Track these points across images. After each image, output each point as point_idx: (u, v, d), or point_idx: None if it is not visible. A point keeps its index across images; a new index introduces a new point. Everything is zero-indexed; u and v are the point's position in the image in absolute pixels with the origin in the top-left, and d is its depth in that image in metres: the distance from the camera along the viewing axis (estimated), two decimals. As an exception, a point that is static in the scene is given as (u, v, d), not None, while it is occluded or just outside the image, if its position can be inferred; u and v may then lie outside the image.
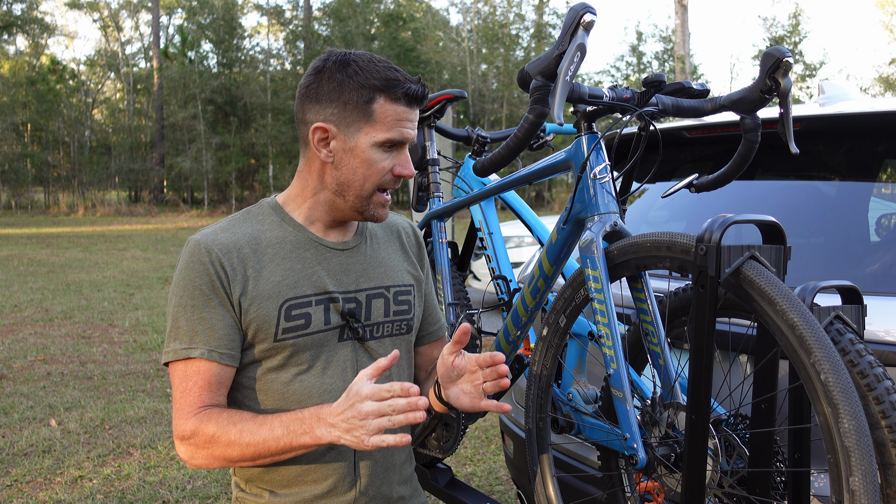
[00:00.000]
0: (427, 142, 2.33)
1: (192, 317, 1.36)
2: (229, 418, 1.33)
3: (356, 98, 1.37)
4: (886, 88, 30.88)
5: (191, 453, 1.35)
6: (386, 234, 1.60)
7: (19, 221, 23.40)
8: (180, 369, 1.37)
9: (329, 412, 1.27)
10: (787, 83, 1.39)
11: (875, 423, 1.12)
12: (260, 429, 1.30)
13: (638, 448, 1.43)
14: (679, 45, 16.00)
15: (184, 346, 1.36)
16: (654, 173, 2.14)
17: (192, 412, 1.35)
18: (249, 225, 1.45)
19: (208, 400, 1.36)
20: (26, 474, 3.50)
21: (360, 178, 1.40)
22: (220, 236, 1.41)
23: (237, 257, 1.39)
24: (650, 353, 1.50)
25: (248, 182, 31.34)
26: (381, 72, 1.38)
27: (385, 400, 1.23)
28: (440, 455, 2.23)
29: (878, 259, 1.74)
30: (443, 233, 2.31)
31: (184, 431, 1.34)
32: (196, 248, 1.39)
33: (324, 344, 1.43)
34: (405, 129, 1.39)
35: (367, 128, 1.38)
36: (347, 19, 30.17)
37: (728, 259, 1.20)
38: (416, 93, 1.39)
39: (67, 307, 8.02)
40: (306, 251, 1.45)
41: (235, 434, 1.31)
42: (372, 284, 1.50)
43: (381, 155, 1.40)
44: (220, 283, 1.37)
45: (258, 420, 1.32)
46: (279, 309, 1.39)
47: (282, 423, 1.30)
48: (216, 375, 1.37)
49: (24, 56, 34.20)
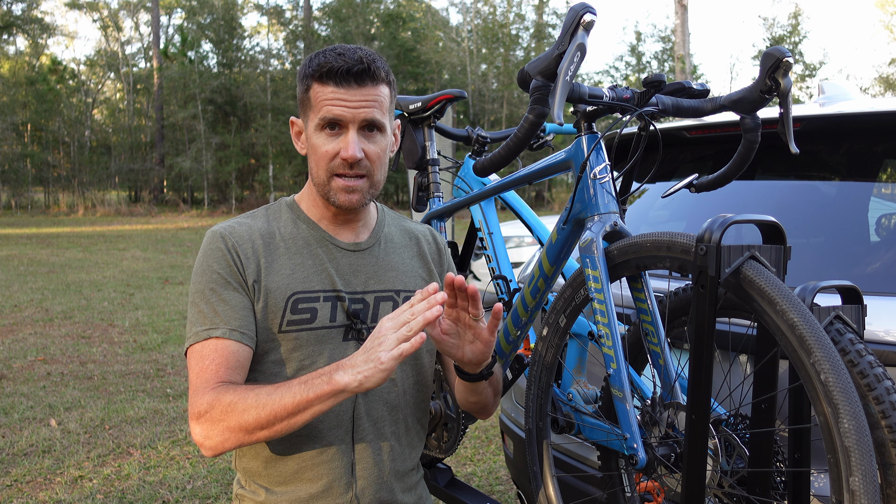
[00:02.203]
0: (427, 142, 2.33)
1: (212, 299, 1.39)
2: (247, 387, 1.31)
3: (302, 89, 1.44)
4: (886, 88, 30.88)
5: (206, 433, 1.29)
6: (404, 238, 1.60)
7: (19, 221, 23.40)
8: (198, 351, 1.35)
9: (349, 358, 1.26)
10: (787, 83, 1.39)
11: (875, 423, 1.12)
12: (277, 389, 1.28)
13: (638, 448, 1.42)
14: (679, 45, 16.00)
15: (205, 327, 1.36)
16: (654, 173, 2.14)
17: (208, 387, 1.31)
18: (265, 221, 1.50)
19: (225, 376, 1.33)
20: (26, 474, 3.50)
21: (314, 165, 1.44)
22: (236, 228, 1.46)
23: (251, 248, 1.43)
24: (650, 353, 1.50)
25: (248, 182, 31.33)
26: (318, 59, 1.40)
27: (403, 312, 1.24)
28: (440, 455, 2.23)
29: (878, 259, 1.74)
30: (443, 233, 2.31)
31: (200, 408, 1.29)
32: (213, 237, 1.44)
33: (327, 341, 1.43)
34: (335, 108, 1.38)
35: (311, 114, 1.42)
36: (347, 19, 30.16)
37: (728, 259, 1.20)
38: (341, 70, 1.36)
39: (67, 307, 8.02)
40: (318, 248, 1.47)
41: (252, 399, 1.27)
42: (382, 287, 1.50)
43: (325, 139, 1.41)
44: (237, 267, 1.41)
45: (275, 385, 1.30)
46: (286, 301, 1.41)
47: (300, 381, 1.28)
48: (234, 353, 1.35)
49: (24, 56, 34.20)
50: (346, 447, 1.45)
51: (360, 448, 1.46)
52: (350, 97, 1.38)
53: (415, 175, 2.37)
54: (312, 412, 1.26)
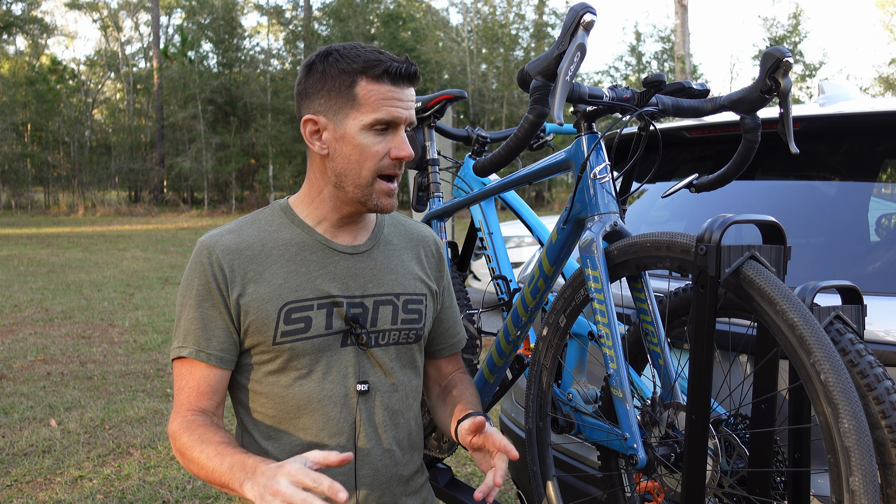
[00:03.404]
0: (427, 142, 2.33)
1: (190, 315, 1.38)
2: (201, 436, 1.32)
3: (339, 84, 1.35)
4: (886, 88, 30.87)
5: (174, 451, 1.38)
6: (403, 241, 1.57)
7: (19, 221, 23.40)
8: (178, 366, 1.41)
9: (263, 470, 1.19)
10: (787, 83, 1.39)
11: (875, 423, 1.12)
12: (214, 458, 1.28)
13: (638, 448, 1.42)
14: (679, 45, 16.00)
15: (179, 344, 1.39)
16: (654, 173, 2.14)
17: (180, 412, 1.38)
18: (257, 227, 1.45)
19: (197, 403, 1.38)
20: (26, 474, 3.50)
21: (356, 166, 1.37)
22: (224, 238, 1.41)
23: (238, 259, 1.39)
24: (650, 353, 1.50)
25: (248, 182, 31.34)
26: (361, 55, 1.35)
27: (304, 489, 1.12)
28: (440, 455, 2.23)
29: (878, 259, 1.74)
30: (443, 233, 2.31)
31: (170, 429, 1.38)
32: (200, 250, 1.41)
33: (325, 349, 1.41)
34: (393, 108, 1.35)
35: (353, 112, 1.35)
36: (347, 19, 30.16)
37: (728, 259, 1.20)
38: (399, 70, 1.35)
39: (67, 307, 8.02)
40: (312, 254, 1.43)
41: (197, 453, 1.31)
42: (381, 290, 1.47)
43: (373, 138, 1.36)
44: (217, 284, 1.38)
45: (220, 448, 1.29)
46: (279, 312, 1.38)
47: (231, 461, 1.26)
48: (206, 377, 1.38)
49: (24, 56, 34.21)
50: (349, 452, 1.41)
51: (362, 455, 1.44)
52: (404, 97, 1.37)
53: (415, 175, 2.37)
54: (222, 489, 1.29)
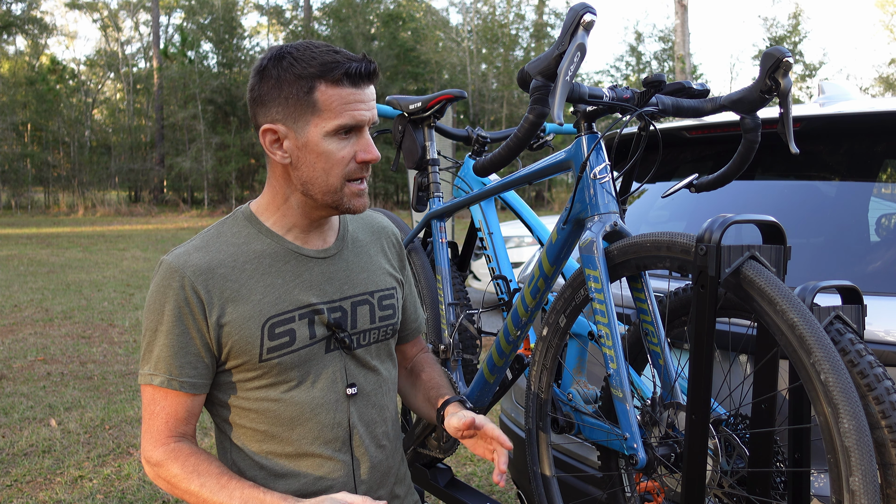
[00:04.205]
0: (427, 142, 2.33)
1: (158, 342, 1.33)
2: (195, 466, 1.30)
3: (296, 91, 1.29)
4: (886, 88, 30.87)
5: (153, 476, 1.35)
6: (368, 235, 1.55)
7: (19, 221, 23.40)
8: (148, 392, 1.35)
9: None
10: (787, 83, 1.39)
11: (875, 423, 1.12)
12: (220, 491, 1.27)
13: (638, 448, 1.42)
14: (679, 45, 16.00)
15: (150, 371, 1.34)
16: (654, 173, 2.14)
17: (160, 440, 1.33)
18: (225, 241, 1.38)
19: (175, 429, 1.35)
20: (26, 474, 3.50)
21: (322, 173, 1.33)
22: (193, 258, 1.34)
23: (213, 279, 1.33)
24: (650, 353, 1.50)
25: (248, 182, 31.33)
26: (317, 57, 1.29)
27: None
28: (440, 455, 2.23)
29: (878, 259, 1.74)
30: (443, 233, 2.31)
31: (150, 457, 1.33)
32: (168, 272, 1.33)
33: (311, 358, 1.39)
34: (356, 112, 1.31)
35: (315, 119, 1.30)
36: (347, 19, 30.17)
37: (728, 259, 1.20)
38: (358, 70, 1.29)
39: (67, 307, 8.02)
40: (286, 264, 1.39)
41: (196, 486, 1.28)
42: (356, 291, 1.46)
43: (338, 144, 1.32)
44: (190, 309, 1.31)
45: (222, 481, 1.28)
46: (262, 329, 1.34)
47: (242, 496, 1.26)
48: (181, 405, 1.34)
49: (24, 56, 34.21)
50: (345, 457, 1.42)
51: (359, 455, 1.44)
52: (365, 98, 1.32)
53: (415, 175, 2.37)
54: None
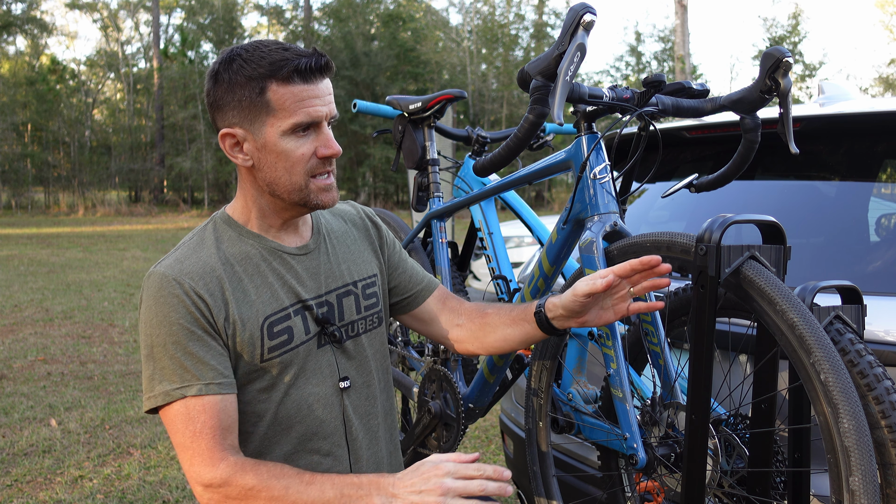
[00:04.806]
0: (427, 142, 2.34)
1: (177, 354, 1.26)
2: (270, 472, 1.23)
3: (249, 93, 1.28)
4: (886, 88, 30.87)
5: (217, 500, 1.24)
6: (341, 225, 1.55)
7: (19, 221, 23.40)
8: (179, 412, 1.26)
9: (392, 482, 1.19)
10: (787, 83, 1.39)
11: (875, 422, 1.12)
12: (309, 488, 1.21)
13: (638, 448, 1.43)
14: (679, 45, 16.00)
15: (175, 386, 1.26)
16: (654, 173, 2.14)
17: (214, 458, 1.24)
18: (209, 247, 1.36)
19: (225, 441, 1.26)
20: (26, 474, 3.50)
21: (284, 173, 1.32)
22: (185, 265, 1.31)
23: (211, 282, 1.31)
24: (650, 353, 1.50)
25: (248, 182, 31.30)
26: (266, 56, 1.28)
27: (472, 479, 1.15)
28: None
29: (878, 259, 1.74)
30: (443, 233, 2.31)
31: (211, 479, 1.23)
32: (164, 282, 1.28)
33: (307, 355, 1.38)
34: (311, 108, 1.29)
35: (270, 119, 1.29)
36: (347, 19, 30.16)
37: (728, 259, 1.21)
38: (308, 66, 1.27)
39: (67, 307, 8.02)
40: (272, 262, 1.38)
41: (280, 490, 1.21)
42: (339, 283, 1.45)
43: (296, 142, 1.30)
44: (201, 313, 1.28)
45: (304, 478, 1.23)
46: (261, 328, 1.33)
47: (334, 485, 1.21)
48: (223, 409, 1.27)
49: (24, 56, 34.21)
50: (342, 451, 1.43)
51: (355, 448, 1.44)
52: (320, 92, 1.30)
53: (415, 175, 2.37)
54: None
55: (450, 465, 1.17)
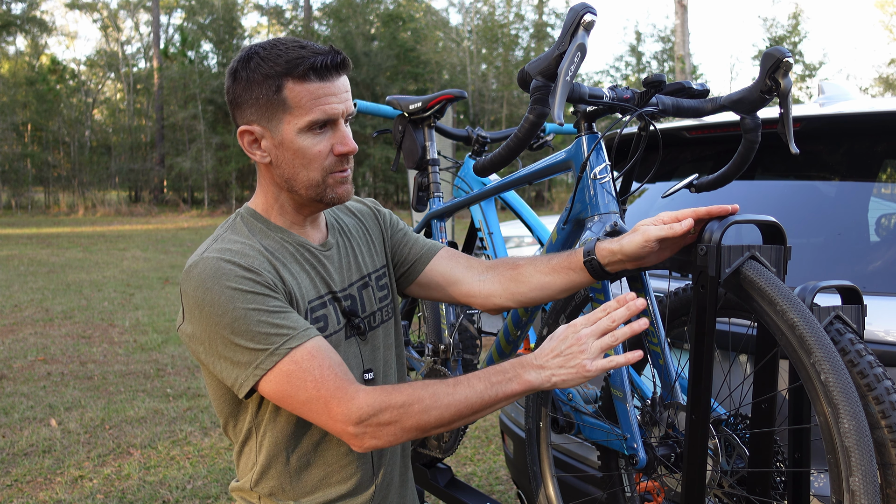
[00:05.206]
0: (427, 142, 2.34)
1: (262, 318, 1.22)
2: (412, 386, 1.22)
3: (266, 90, 1.29)
4: (886, 88, 30.87)
5: (372, 434, 1.21)
6: (351, 218, 1.56)
7: (19, 221, 23.40)
8: (289, 370, 1.21)
9: (534, 356, 1.22)
10: (787, 83, 1.39)
11: (875, 423, 1.12)
12: (457, 389, 1.21)
13: (638, 448, 1.43)
14: (679, 45, 16.00)
15: (276, 345, 1.22)
16: (654, 173, 2.14)
17: (350, 392, 1.21)
18: (244, 237, 1.35)
19: (347, 375, 1.24)
20: (26, 474, 3.50)
21: (301, 170, 1.33)
22: (233, 248, 1.29)
23: (263, 260, 1.30)
24: (650, 353, 1.50)
25: (249, 182, 31.29)
26: (282, 55, 1.29)
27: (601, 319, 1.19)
28: (440, 455, 2.23)
29: (878, 259, 1.74)
30: (443, 233, 2.31)
31: (361, 412, 1.19)
32: (221, 263, 1.25)
33: (338, 345, 1.39)
34: (327, 106, 1.29)
35: (287, 117, 1.30)
36: (347, 19, 30.16)
37: (728, 259, 1.21)
38: (324, 63, 1.28)
39: (67, 307, 8.02)
40: (302, 255, 1.40)
41: (430, 399, 1.20)
42: (357, 276, 1.48)
43: (313, 139, 1.31)
44: (265, 282, 1.26)
45: (448, 382, 1.23)
46: (306, 312, 1.34)
47: (479, 378, 1.22)
48: (328, 349, 1.25)
49: (24, 56, 34.19)
50: None
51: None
52: (336, 90, 1.31)
53: (415, 175, 2.38)
54: (495, 409, 1.25)
55: (579, 319, 1.21)
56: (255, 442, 1.40)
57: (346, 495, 1.41)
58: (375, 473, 1.46)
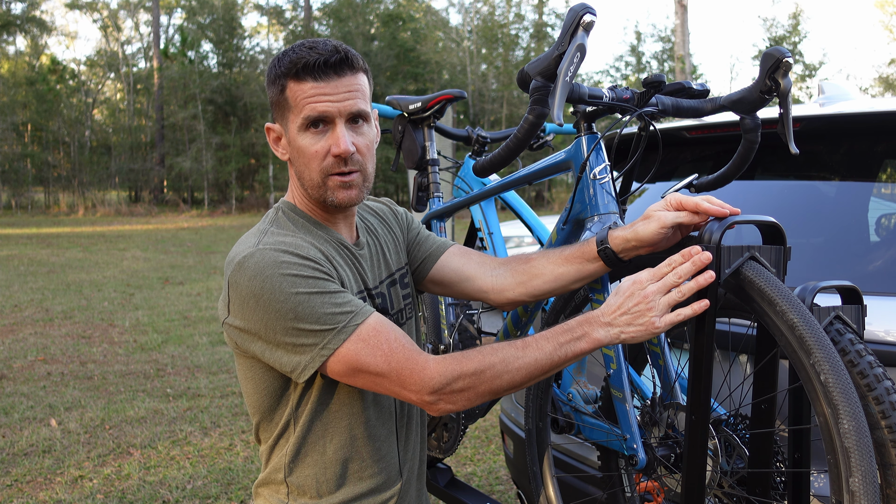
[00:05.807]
0: (427, 142, 2.34)
1: (325, 299, 1.24)
2: (481, 351, 1.24)
3: (276, 91, 1.35)
4: (886, 88, 30.87)
5: (448, 400, 1.23)
6: (376, 219, 1.59)
7: (19, 221, 23.40)
8: (357, 348, 1.23)
9: (601, 313, 1.23)
10: (787, 83, 1.38)
11: (875, 423, 1.12)
12: (526, 351, 1.23)
13: (638, 448, 1.43)
14: (679, 45, 16.00)
15: (343, 323, 1.23)
16: (654, 173, 2.14)
17: (420, 362, 1.23)
18: (288, 230, 1.37)
19: (414, 345, 1.26)
20: (26, 474, 3.50)
21: (304, 169, 1.36)
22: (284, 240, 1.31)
23: (315, 250, 1.32)
24: (650, 353, 1.50)
25: (249, 182, 31.33)
26: (289, 57, 1.32)
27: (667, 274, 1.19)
28: (440, 455, 2.23)
29: (878, 259, 1.74)
30: (443, 233, 2.31)
31: (436, 381, 1.22)
32: (276, 253, 1.27)
33: None
34: (317, 104, 1.30)
35: (291, 116, 1.34)
36: (347, 19, 30.16)
37: (728, 260, 1.20)
38: (317, 63, 1.29)
39: (67, 307, 8.02)
40: (341, 251, 1.42)
41: (501, 364, 1.23)
42: (385, 274, 1.51)
43: (311, 139, 1.33)
44: (322, 268, 1.29)
45: (517, 345, 1.24)
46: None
47: (546, 339, 1.24)
48: (390, 323, 1.28)
49: (24, 56, 34.20)
50: (393, 436, 1.46)
51: (403, 435, 1.49)
52: (332, 90, 1.31)
53: (415, 175, 2.38)
54: (562, 367, 1.25)
55: (643, 274, 1.21)
56: (291, 434, 1.40)
57: (378, 488, 1.42)
58: (402, 470, 1.47)
